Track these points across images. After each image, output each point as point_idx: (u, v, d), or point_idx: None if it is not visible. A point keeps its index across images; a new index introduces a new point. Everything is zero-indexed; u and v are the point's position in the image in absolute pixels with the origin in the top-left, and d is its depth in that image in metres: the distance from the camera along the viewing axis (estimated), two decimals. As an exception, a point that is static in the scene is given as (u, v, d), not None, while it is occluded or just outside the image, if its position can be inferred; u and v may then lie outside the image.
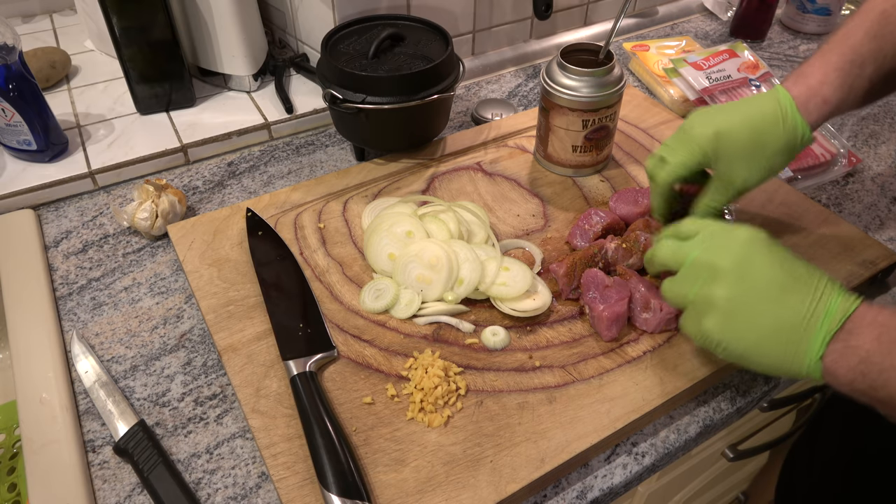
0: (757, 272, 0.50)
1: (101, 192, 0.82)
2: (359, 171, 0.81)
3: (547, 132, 0.79)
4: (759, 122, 0.60)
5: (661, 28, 1.22)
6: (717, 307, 0.50)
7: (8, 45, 0.73)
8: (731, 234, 0.53)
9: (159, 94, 0.88)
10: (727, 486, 1.11)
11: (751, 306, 0.49)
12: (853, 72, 0.59)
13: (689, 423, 0.60)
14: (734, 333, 0.50)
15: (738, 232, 0.53)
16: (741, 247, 0.51)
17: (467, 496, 0.50)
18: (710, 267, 0.51)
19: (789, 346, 0.48)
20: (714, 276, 0.51)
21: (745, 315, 0.50)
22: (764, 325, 0.49)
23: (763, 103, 0.61)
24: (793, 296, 0.49)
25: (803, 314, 0.48)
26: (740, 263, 0.50)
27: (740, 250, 0.51)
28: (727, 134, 0.60)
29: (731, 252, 0.51)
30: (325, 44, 0.79)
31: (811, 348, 0.48)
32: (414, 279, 0.65)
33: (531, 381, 0.58)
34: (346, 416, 0.56)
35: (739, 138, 0.60)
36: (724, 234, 0.53)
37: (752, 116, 0.60)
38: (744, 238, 0.52)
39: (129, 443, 0.55)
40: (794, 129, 0.60)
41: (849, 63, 0.60)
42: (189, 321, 0.67)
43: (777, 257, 0.51)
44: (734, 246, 0.52)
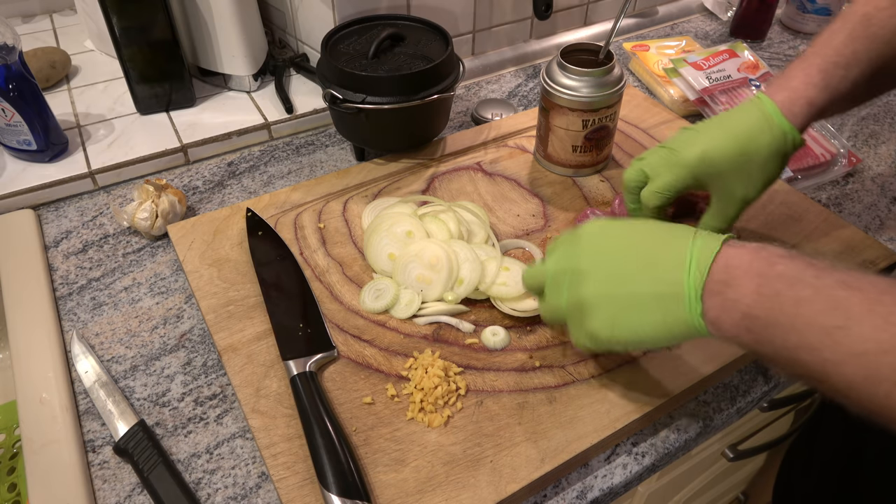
0: (608, 257, 0.50)
1: (101, 192, 0.82)
2: (359, 171, 0.81)
3: (547, 132, 0.79)
4: (745, 135, 0.59)
5: (661, 28, 1.22)
6: (590, 306, 0.50)
7: (8, 45, 0.73)
8: (574, 236, 0.53)
9: (159, 94, 0.88)
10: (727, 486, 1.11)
11: (619, 293, 0.49)
12: (837, 73, 0.59)
13: (689, 423, 0.60)
14: (617, 325, 0.49)
15: (579, 231, 0.53)
16: (585, 242, 0.52)
17: (467, 496, 0.50)
18: (566, 273, 0.52)
19: (670, 313, 0.47)
20: (574, 279, 0.51)
21: (618, 303, 0.49)
22: (638, 304, 0.48)
23: (746, 115, 0.60)
24: (651, 262, 0.48)
25: (669, 276, 0.47)
26: (590, 258, 0.51)
27: (586, 246, 0.51)
28: (714, 152, 0.59)
29: (579, 251, 0.51)
30: (325, 44, 0.79)
31: (689, 311, 0.46)
32: (414, 279, 0.65)
33: (531, 381, 0.58)
34: (346, 416, 0.56)
35: (727, 155, 0.59)
36: (567, 239, 0.54)
37: (736, 130, 0.59)
38: (584, 233, 0.52)
39: (129, 443, 0.55)
40: (783, 134, 0.58)
41: (832, 65, 0.59)
42: (189, 321, 0.67)
43: (622, 237, 0.51)
44: (579, 245, 0.52)
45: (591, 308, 0.50)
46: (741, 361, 0.62)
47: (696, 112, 0.95)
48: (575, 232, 0.54)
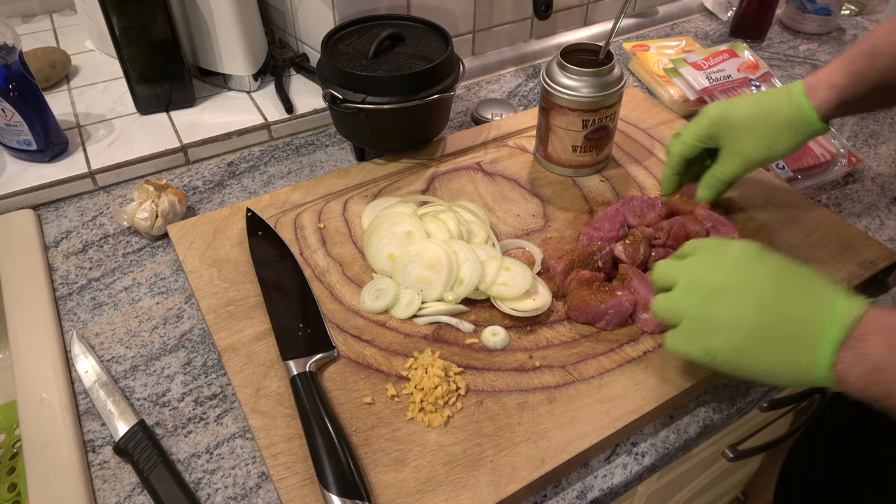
0: (754, 287, 0.50)
1: (101, 192, 0.82)
2: (359, 171, 0.81)
3: (547, 132, 0.79)
4: (767, 102, 0.65)
5: (661, 28, 1.22)
6: (719, 326, 0.50)
7: (8, 45, 0.73)
8: (724, 250, 0.53)
9: (159, 94, 0.88)
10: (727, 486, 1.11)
11: (753, 323, 0.49)
12: (862, 61, 0.61)
13: (689, 423, 0.60)
14: (745, 355, 0.49)
15: (730, 247, 0.53)
16: (735, 262, 0.51)
17: (467, 496, 0.50)
18: (705, 285, 0.51)
19: (798, 357, 0.48)
20: (711, 294, 0.51)
21: (748, 333, 0.49)
22: (769, 340, 0.48)
23: (774, 91, 0.66)
24: (794, 306, 0.48)
25: (808, 324, 0.47)
26: (736, 279, 0.50)
27: (735, 266, 0.51)
28: (735, 107, 0.66)
29: (726, 268, 0.51)
30: (325, 44, 0.79)
31: (820, 358, 0.47)
32: (414, 279, 0.65)
33: (531, 381, 0.58)
34: (346, 416, 0.56)
35: (745, 110, 0.65)
36: (716, 250, 0.53)
37: (760, 98, 0.66)
38: (737, 252, 0.52)
39: (129, 443, 0.55)
40: (800, 109, 0.63)
41: (859, 54, 0.62)
42: (189, 321, 0.67)
43: (773, 268, 0.51)
44: (728, 262, 0.52)
45: (723, 330, 0.50)
46: (741, 361, 0.62)
47: (695, 112, 0.95)
48: (724, 246, 0.53)
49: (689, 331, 0.52)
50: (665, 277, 0.55)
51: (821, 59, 1.12)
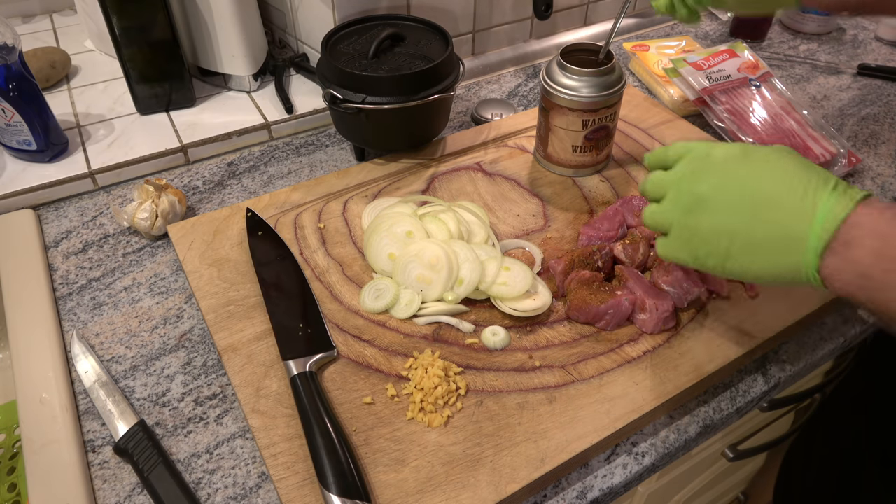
0: (735, 192, 0.49)
1: (101, 192, 0.82)
2: (359, 171, 0.81)
3: (547, 132, 0.79)
4: None
5: (661, 28, 1.22)
6: (703, 234, 0.50)
7: (8, 45, 0.73)
8: (708, 157, 0.52)
9: (159, 94, 0.88)
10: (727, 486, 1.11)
11: (735, 229, 0.49)
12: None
13: (689, 423, 0.60)
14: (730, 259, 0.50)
15: (714, 152, 0.52)
16: (718, 167, 0.51)
17: (467, 496, 0.50)
18: (689, 194, 0.52)
19: (784, 260, 0.47)
20: (695, 203, 0.51)
21: (730, 239, 0.49)
22: (753, 244, 0.48)
23: None
24: (776, 209, 0.48)
25: (790, 227, 0.47)
26: (718, 186, 0.50)
27: (717, 172, 0.51)
28: None
29: (709, 175, 0.51)
30: (325, 44, 0.79)
31: (805, 263, 0.46)
32: (414, 279, 0.65)
33: (531, 381, 0.58)
34: (346, 416, 0.56)
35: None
36: (702, 157, 0.53)
37: None
38: (719, 157, 0.52)
39: (129, 443, 0.55)
40: None
41: None
42: (189, 321, 0.67)
43: (754, 169, 0.50)
44: (710, 168, 0.52)
45: (707, 236, 0.50)
46: (741, 361, 0.62)
47: (696, 112, 0.95)
48: (710, 150, 0.53)
49: (677, 239, 0.53)
50: (655, 189, 0.55)
51: (821, 59, 1.12)
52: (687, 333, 0.63)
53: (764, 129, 0.89)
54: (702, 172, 0.52)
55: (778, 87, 0.96)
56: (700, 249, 0.51)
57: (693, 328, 0.63)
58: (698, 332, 0.63)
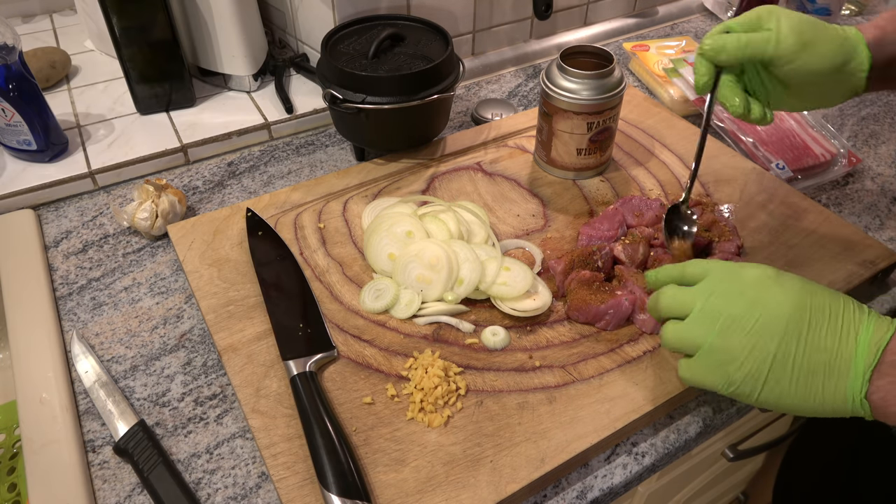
0: (774, 313, 0.47)
1: (101, 192, 0.82)
2: (359, 171, 0.81)
3: (550, 137, 0.78)
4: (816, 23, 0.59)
5: (661, 28, 1.22)
6: (739, 357, 0.47)
7: (8, 45, 0.73)
8: (739, 276, 0.50)
9: (159, 94, 0.88)
10: (727, 486, 1.11)
11: (775, 352, 0.47)
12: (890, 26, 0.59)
13: (689, 423, 0.60)
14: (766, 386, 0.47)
15: (746, 272, 0.50)
16: (753, 288, 0.49)
17: (467, 496, 0.50)
18: (722, 314, 0.48)
19: (825, 387, 0.45)
20: (729, 323, 0.48)
21: (770, 362, 0.47)
22: (793, 369, 0.46)
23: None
24: (818, 333, 0.46)
25: (834, 351, 0.45)
26: (755, 306, 0.48)
27: (752, 294, 0.48)
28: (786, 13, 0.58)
29: (744, 295, 0.48)
30: (325, 44, 0.79)
31: (852, 387, 0.45)
32: (414, 279, 0.65)
33: (531, 381, 0.58)
34: (346, 416, 0.56)
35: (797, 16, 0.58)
36: (731, 276, 0.50)
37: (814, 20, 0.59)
38: (753, 279, 0.49)
39: (129, 443, 0.55)
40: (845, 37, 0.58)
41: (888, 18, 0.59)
42: (189, 321, 0.67)
43: (793, 293, 0.48)
44: (745, 288, 0.49)
45: (743, 360, 0.47)
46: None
47: (696, 112, 0.95)
48: (738, 271, 0.51)
49: (707, 361, 0.49)
50: (676, 305, 0.52)
51: (821, 59, 1.12)
52: (687, 333, 0.63)
53: (764, 129, 0.89)
54: (737, 291, 0.49)
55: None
56: (736, 374, 0.48)
57: (693, 328, 0.63)
58: (698, 332, 0.63)
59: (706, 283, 0.51)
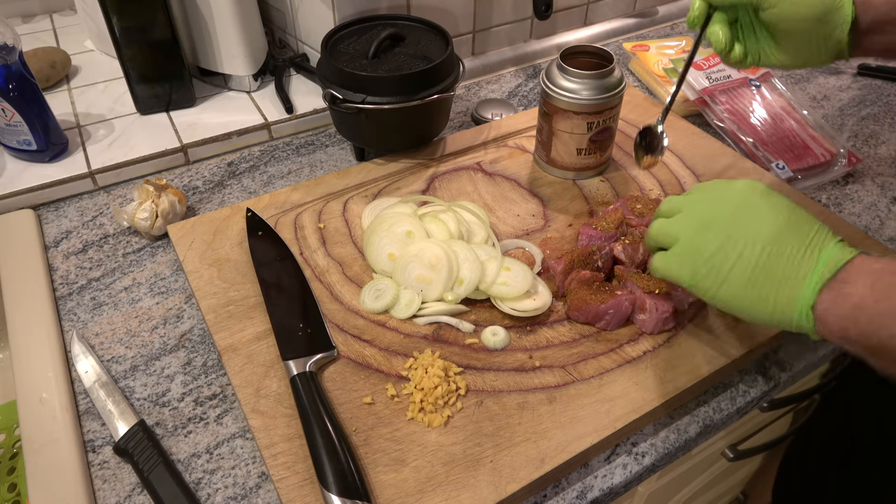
0: (748, 220, 0.50)
1: (101, 192, 0.82)
2: (359, 171, 0.81)
3: (550, 137, 0.78)
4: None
5: (661, 28, 1.22)
6: (707, 251, 0.50)
7: (8, 45, 0.73)
8: (730, 185, 0.53)
9: (159, 94, 0.88)
10: (727, 486, 1.11)
11: (740, 253, 0.49)
12: None
13: (689, 423, 0.60)
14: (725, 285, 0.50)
15: (736, 183, 0.53)
16: (737, 195, 0.52)
17: (467, 496, 0.50)
18: (703, 214, 0.52)
19: (779, 293, 0.48)
20: (707, 222, 0.51)
21: (733, 261, 0.49)
22: (753, 272, 0.49)
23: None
24: (786, 244, 0.48)
25: (795, 262, 0.48)
26: (733, 211, 0.51)
27: (736, 199, 0.52)
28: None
29: (726, 200, 0.52)
30: (325, 44, 0.79)
31: (802, 296, 0.47)
32: (414, 279, 0.65)
33: (531, 381, 0.58)
34: (346, 416, 0.56)
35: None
36: (723, 185, 0.54)
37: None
38: (741, 187, 0.52)
39: (129, 443, 0.55)
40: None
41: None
42: (189, 321, 0.67)
43: (771, 206, 0.50)
44: (730, 195, 0.52)
45: (710, 255, 0.50)
46: (741, 361, 0.62)
47: (696, 112, 0.95)
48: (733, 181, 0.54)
49: (679, 253, 0.52)
50: (669, 207, 0.56)
51: (821, 59, 1.12)
52: (687, 333, 0.63)
53: (764, 129, 0.89)
54: (722, 197, 0.52)
55: (778, 87, 0.96)
56: (701, 268, 0.51)
57: (693, 328, 0.63)
58: (698, 333, 0.63)
59: (699, 187, 0.55)
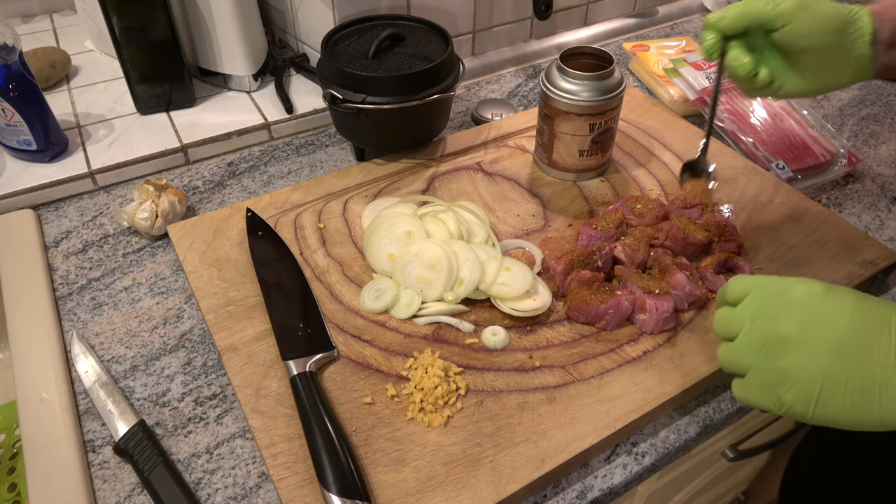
0: (825, 332, 0.45)
1: (101, 192, 0.82)
2: (359, 171, 0.81)
3: (551, 139, 0.78)
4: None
5: (661, 28, 1.22)
6: (793, 378, 0.46)
7: (8, 45, 0.73)
8: (787, 293, 0.48)
9: (159, 94, 0.88)
10: (727, 486, 1.11)
11: (826, 370, 0.45)
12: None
13: (689, 423, 0.60)
14: (820, 404, 0.45)
15: (793, 289, 0.48)
16: (802, 307, 0.47)
17: (467, 496, 0.50)
18: (770, 334, 0.47)
19: (883, 402, 0.44)
20: (778, 343, 0.46)
21: (822, 382, 0.45)
22: (848, 388, 0.45)
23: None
24: (872, 350, 0.45)
25: (890, 366, 0.44)
26: (804, 325, 0.46)
27: (802, 311, 0.47)
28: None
29: (793, 315, 0.47)
30: (325, 44, 0.79)
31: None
32: (414, 279, 0.65)
33: (531, 381, 0.58)
34: (346, 416, 0.56)
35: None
36: (777, 293, 0.49)
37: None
38: (801, 295, 0.47)
39: (129, 443, 0.55)
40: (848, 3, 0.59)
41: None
42: (189, 321, 0.67)
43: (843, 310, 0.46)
44: (792, 307, 0.47)
45: (793, 380, 0.46)
46: (741, 361, 0.62)
47: (696, 112, 0.95)
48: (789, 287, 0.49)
49: (758, 383, 0.48)
50: (723, 327, 0.51)
51: (821, 59, 1.12)
52: (687, 333, 0.63)
53: (764, 129, 0.89)
54: (785, 309, 0.47)
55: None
56: (786, 395, 0.46)
57: (693, 328, 0.63)
58: (698, 332, 0.63)
59: (751, 300, 0.49)
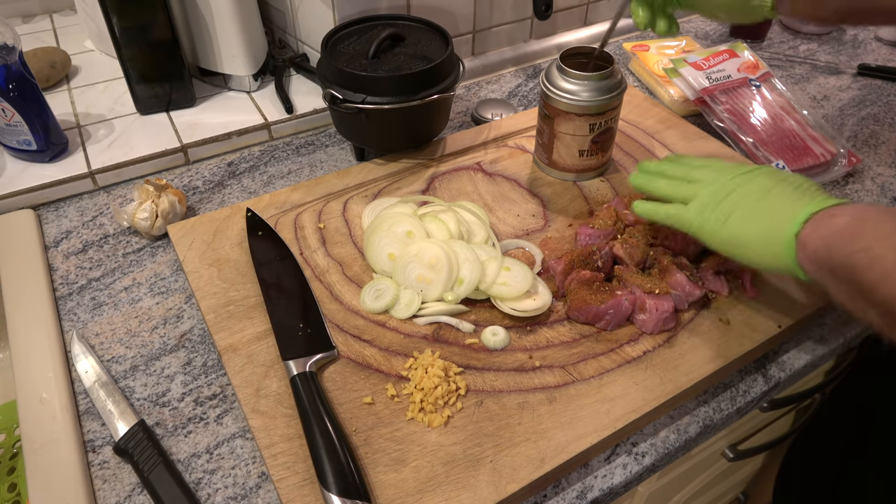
0: (756, 178, 0.58)
1: (101, 192, 0.82)
2: (359, 171, 0.81)
3: (551, 139, 0.78)
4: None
5: (661, 28, 1.22)
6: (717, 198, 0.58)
7: (8, 45, 0.73)
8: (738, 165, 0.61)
9: (159, 94, 0.88)
10: (727, 486, 1.11)
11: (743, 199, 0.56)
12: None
13: (689, 423, 0.60)
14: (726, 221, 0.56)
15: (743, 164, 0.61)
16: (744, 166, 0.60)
17: (467, 496, 0.50)
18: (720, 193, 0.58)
19: (771, 227, 0.54)
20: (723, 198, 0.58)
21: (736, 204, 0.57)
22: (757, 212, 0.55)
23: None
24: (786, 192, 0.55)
25: (792, 203, 0.54)
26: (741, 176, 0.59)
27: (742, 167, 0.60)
28: None
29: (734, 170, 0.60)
30: (325, 44, 0.79)
31: (791, 225, 0.52)
32: (414, 279, 0.65)
33: (531, 381, 0.58)
34: (346, 416, 0.56)
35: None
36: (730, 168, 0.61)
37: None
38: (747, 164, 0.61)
39: (129, 443, 0.55)
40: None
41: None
42: (189, 321, 0.67)
43: (778, 172, 0.58)
44: (737, 167, 0.60)
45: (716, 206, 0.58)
46: (741, 361, 0.62)
47: (696, 112, 0.95)
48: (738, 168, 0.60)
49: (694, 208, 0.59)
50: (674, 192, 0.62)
51: (821, 59, 1.12)
52: (687, 333, 0.63)
53: (764, 129, 0.89)
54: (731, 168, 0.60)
55: (778, 87, 0.96)
56: (709, 214, 0.58)
57: (693, 328, 0.63)
58: (698, 333, 0.63)
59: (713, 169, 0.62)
